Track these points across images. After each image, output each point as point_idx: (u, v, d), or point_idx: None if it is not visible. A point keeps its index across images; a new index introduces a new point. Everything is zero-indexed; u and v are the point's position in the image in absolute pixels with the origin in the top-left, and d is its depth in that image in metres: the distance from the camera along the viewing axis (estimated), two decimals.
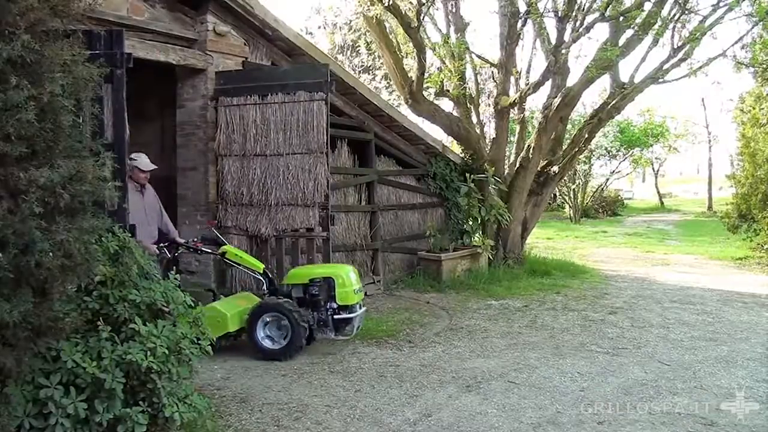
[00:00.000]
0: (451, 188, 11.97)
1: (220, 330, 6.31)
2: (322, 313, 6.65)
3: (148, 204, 6.75)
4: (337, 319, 6.66)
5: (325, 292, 6.66)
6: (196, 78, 7.78)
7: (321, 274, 6.75)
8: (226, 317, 6.39)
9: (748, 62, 13.88)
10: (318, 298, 6.64)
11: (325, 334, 6.72)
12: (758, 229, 15.58)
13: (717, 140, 41.17)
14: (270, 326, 6.52)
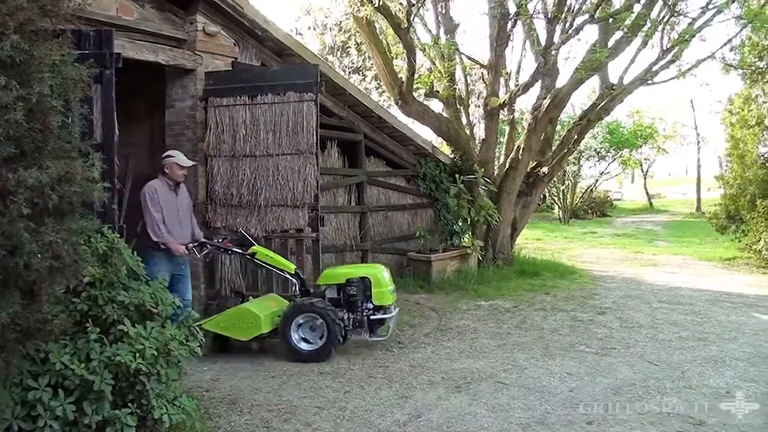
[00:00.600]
0: (441, 189, 11.99)
1: (254, 332, 6.38)
2: (358, 313, 6.69)
3: (182, 204, 6.76)
4: (373, 319, 6.72)
5: (361, 292, 6.71)
6: (186, 78, 7.75)
7: (357, 275, 6.82)
8: (260, 318, 6.39)
9: (737, 64, 13.99)
10: (355, 299, 6.68)
11: (360, 336, 6.75)
12: (746, 230, 15.69)
13: (705, 141, 41.41)
14: (303, 327, 6.53)
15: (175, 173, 6.64)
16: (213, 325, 6.44)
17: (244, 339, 6.45)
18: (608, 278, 12.34)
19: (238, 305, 6.62)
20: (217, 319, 6.49)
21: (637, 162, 39.17)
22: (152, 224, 6.36)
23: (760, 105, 17.11)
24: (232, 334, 6.47)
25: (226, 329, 6.45)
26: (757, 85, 16.98)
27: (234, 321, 6.42)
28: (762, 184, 15.69)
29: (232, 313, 6.48)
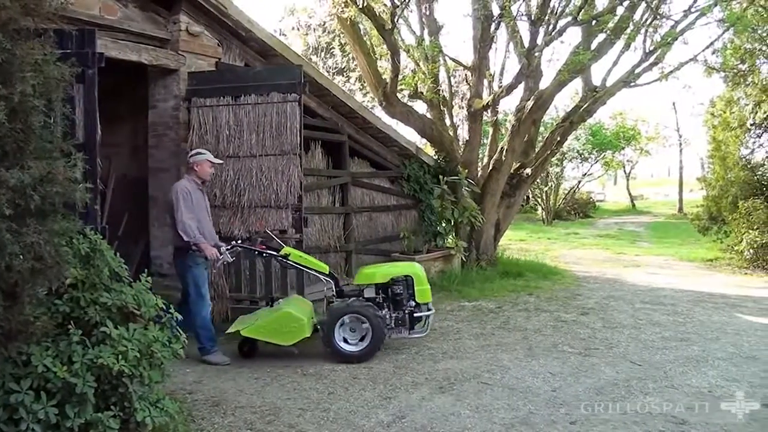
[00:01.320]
0: (425, 190, 12.00)
1: (298, 335, 6.36)
2: (401, 312, 6.74)
3: (207, 204, 6.78)
4: (415, 317, 6.78)
5: (406, 290, 6.77)
6: (169, 78, 7.72)
7: (402, 273, 6.88)
8: (304, 322, 6.38)
9: (719, 67, 14.13)
10: (401, 297, 6.73)
11: (400, 333, 6.80)
12: (728, 231, 15.86)
13: (688, 143, 41.74)
14: (343, 328, 6.54)
15: (206, 171, 6.66)
16: (253, 332, 6.36)
17: (287, 344, 6.41)
18: (591, 279, 12.42)
19: (279, 310, 6.51)
20: (257, 325, 6.37)
21: (620, 163, 39.47)
22: (185, 225, 6.31)
23: (742, 107, 17.30)
24: (275, 340, 6.39)
25: (268, 335, 6.37)
26: (739, 87, 17.16)
27: (276, 326, 6.35)
28: (744, 185, 15.87)
29: (274, 319, 6.38)
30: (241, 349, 6.66)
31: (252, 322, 6.45)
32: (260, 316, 6.55)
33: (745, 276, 13.45)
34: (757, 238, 13.98)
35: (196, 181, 6.59)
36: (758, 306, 9.69)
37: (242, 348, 6.66)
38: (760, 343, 7.25)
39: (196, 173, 6.60)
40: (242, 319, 6.72)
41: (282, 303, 6.79)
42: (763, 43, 15.62)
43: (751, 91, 16.66)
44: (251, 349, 6.65)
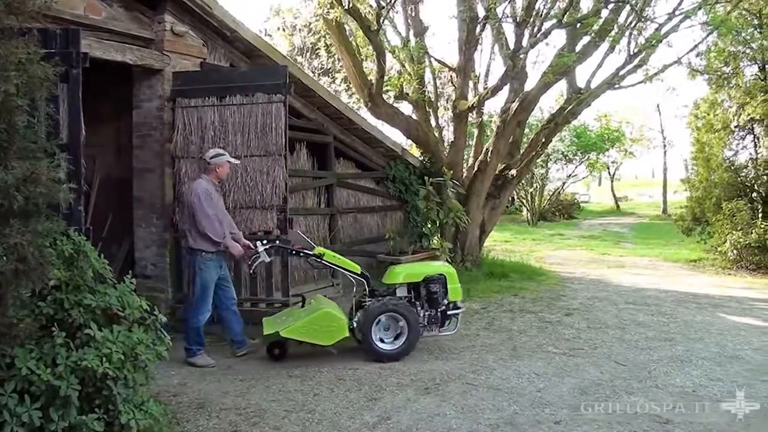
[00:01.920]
0: (410, 191, 12.02)
1: (338, 335, 6.41)
2: (434, 310, 6.82)
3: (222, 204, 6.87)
4: (449, 315, 6.87)
5: (442, 289, 6.83)
6: (153, 78, 7.68)
7: (437, 272, 6.95)
8: (344, 322, 6.45)
9: (703, 69, 14.25)
10: (436, 296, 6.79)
11: (431, 331, 6.88)
12: (712, 232, 16.02)
13: (672, 145, 42.09)
14: (378, 327, 6.60)
15: (225, 172, 6.78)
16: (293, 333, 6.32)
17: (326, 344, 6.46)
18: (575, 280, 12.48)
19: (317, 310, 6.52)
20: (296, 326, 6.32)
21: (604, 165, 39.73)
22: (212, 226, 6.40)
23: (726, 110, 17.47)
24: (314, 340, 6.39)
25: (308, 335, 6.35)
26: (723, 90, 17.33)
27: (316, 326, 6.35)
28: (727, 187, 16.04)
29: (313, 319, 6.37)
30: (270, 352, 6.65)
31: (290, 322, 6.42)
32: (295, 316, 6.55)
33: (728, 276, 13.58)
34: (741, 239, 14.13)
35: (213, 181, 6.67)
36: (741, 306, 9.79)
37: (272, 350, 6.66)
38: (743, 343, 7.32)
39: (215, 174, 6.68)
40: (271, 321, 6.70)
41: (314, 303, 6.84)
42: (746, 45, 15.78)
43: (734, 93, 16.82)
44: (282, 352, 6.65)
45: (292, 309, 6.92)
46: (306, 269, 9.80)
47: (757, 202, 15.95)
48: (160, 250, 7.76)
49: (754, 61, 16.75)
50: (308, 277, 9.92)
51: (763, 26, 15.01)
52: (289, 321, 6.46)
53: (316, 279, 10.06)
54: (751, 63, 17.01)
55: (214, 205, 6.48)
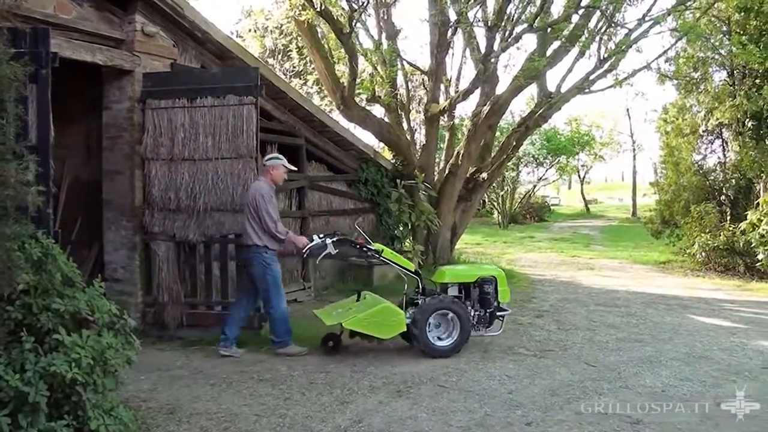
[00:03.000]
0: (383, 194, 12.04)
1: (396, 329, 6.60)
2: (484, 310, 7.03)
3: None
4: (498, 316, 7.13)
5: (494, 290, 7.06)
6: (123, 79, 7.61)
7: (489, 274, 7.20)
8: (403, 317, 6.61)
9: (672, 75, 14.48)
10: (489, 296, 7.02)
11: (478, 331, 7.05)
12: (681, 235, 16.30)
13: (641, 149, 42.73)
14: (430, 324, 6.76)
15: (281, 176, 7.07)
16: (355, 324, 6.50)
17: (386, 337, 6.67)
18: (546, 282, 12.59)
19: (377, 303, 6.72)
20: (358, 318, 6.51)
21: (574, 168, 40.18)
22: (275, 224, 6.74)
23: (695, 114, 17.77)
24: (375, 333, 6.59)
25: (368, 328, 6.54)
26: (692, 95, 17.63)
27: (377, 320, 6.54)
28: (696, 190, 16.32)
29: (375, 312, 6.55)
30: (325, 343, 6.89)
31: (350, 314, 6.60)
32: (354, 309, 6.75)
33: (697, 278, 13.81)
34: (709, 241, 14.37)
35: (271, 184, 6.94)
36: (710, 307, 9.96)
37: (327, 342, 6.89)
38: (712, 343, 7.44)
39: (270, 176, 6.96)
40: (326, 313, 6.92)
41: (369, 298, 7.02)
42: (715, 51, 16.07)
43: (703, 98, 17.10)
44: (336, 344, 6.87)
45: (345, 302, 7.18)
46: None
47: (726, 205, 16.26)
48: (130, 254, 7.68)
49: (723, 66, 17.08)
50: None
51: (731, 33, 15.30)
52: (349, 313, 6.65)
53: (287, 282, 10.03)
54: (719, 69, 17.35)
55: (274, 206, 6.84)
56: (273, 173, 6.96)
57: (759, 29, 15.01)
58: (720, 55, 16.25)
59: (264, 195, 6.73)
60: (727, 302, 10.57)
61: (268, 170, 6.96)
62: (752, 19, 15.09)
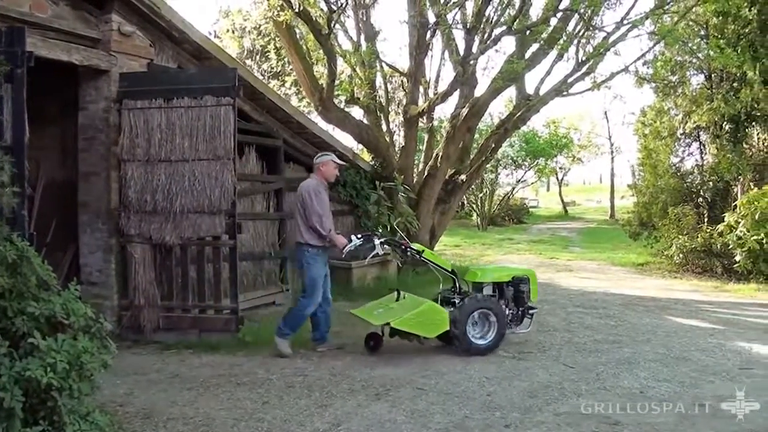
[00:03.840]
0: (362, 196, 12.04)
1: (441, 328, 6.79)
2: (517, 309, 7.35)
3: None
4: (530, 314, 7.44)
5: (527, 289, 7.39)
6: (100, 79, 7.55)
7: (522, 274, 7.53)
8: (446, 316, 6.79)
9: (650, 78, 14.65)
10: (523, 295, 7.35)
11: (509, 328, 7.30)
12: (658, 236, 16.50)
13: (619, 151, 43.17)
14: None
15: (331, 172, 7.30)
16: (404, 324, 6.64)
17: (431, 336, 6.89)
18: None
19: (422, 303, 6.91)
20: (406, 318, 6.64)
21: (553, 170, 40.46)
22: (319, 219, 6.92)
23: (672, 117, 18.03)
24: (421, 332, 6.78)
25: (415, 327, 6.71)
26: (670, 98, 17.88)
27: (423, 319, 6.71)
28: (673, 192, 16.54)
29: (422, 312, 6.72)
30: (367, 344, 7.09)
31: (396, 314, 6.76)
32: (396, 308, 6.93)
33: (674, 279, 13.98)
34: (687, 243, 14.56)
35: (322, 181, 7.20)
36: (688, 308, 10.08)
37: (369, 342, 7.09)
38: (689, 344, 7.53)
39: (321, 173, 7.23)
40: (368, 312, 7.08)
41: (409, 297, 7.18)
42: (693, 55, 16.29)
43: (681, 101, 17.35)
44: (377, 344, 7.06)
45: (382, 301, 7.33)
46: (255, 275, 9.77)
47: (703, 207, 16.50)
48: (105, 256, 7.62)
49: (701, 70, 17.34)
50: (257, 283, 9.87)
51: (709, 36, 15.52)
52: (393, 313, 6.82)
53: (265, 285, 10.01)
54: (697, 72, 17.61)
55: (321, 202, 7.00)
56: (323, 170, 7.20)
57: (736, 33, 15.26)
58: (698, 59, 16.49)
59: (311, 191, 6.98)
60: (704, 303, 10.71)
61: (318, 167, 7.24)
62: (730, 23, 15.34)
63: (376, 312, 7.01)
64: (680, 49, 15.53)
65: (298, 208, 7.07)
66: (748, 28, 15.22)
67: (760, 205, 12.63)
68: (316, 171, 7.26)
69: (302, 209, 6.98)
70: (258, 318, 8.62)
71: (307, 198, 6.94)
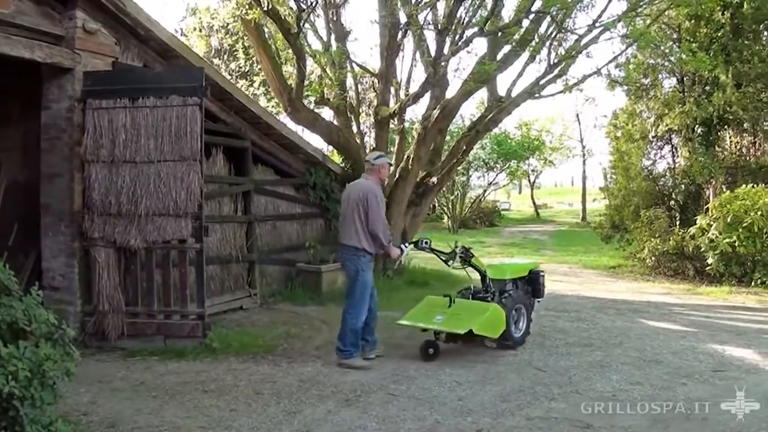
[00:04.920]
0: (332, 198, 12.01)
1: (501, 328, 7.14)
2: (536, 299, 8.03)
3: None
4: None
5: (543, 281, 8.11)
6: (63, 78, 7.45)
7: (534, 267, 8.18)
8: (504, 316, 7.16)
9: (622, 81, 14.84)
10: (540, 287, 8.04)
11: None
12: (630, 239, 16.74)
13: (591, 154, 43.61)
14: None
15: (385, 174, 7.32)
16: (481, 327, 6.91)
17: (495, 336, 7.18)
18: None
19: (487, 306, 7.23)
20: (481, 321, 6.92)
21: (525, 173, 40.81)
22: (384, 228, 6.86)
23: (644, 120, 18.30)
24: (488, 333, 7.10)
25: (486, 329, 7.02)
26: (642, 101, 18.15)
27: (491, 321, 7.05)
28: (646, 195, 16.79)
29: (492, 314, 7.07)
30: (425, 351, 7.08)
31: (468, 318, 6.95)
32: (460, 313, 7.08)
33: (647, 282, 14.19)
34: (659, 246, 14.78)
35: (378, 183, 7.05)
36: (660, 311, 10.24)
37: (427, 349, 7.09)
38: (662, 347, 7.66)
39: (378, 175, 7.05)
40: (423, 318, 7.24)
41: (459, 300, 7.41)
42: (665, 58, 16.56)
43: (653, 104, 17.62)
44: (436, 351, 7.11)
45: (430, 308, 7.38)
46: (223, 279, 9.72)
47: (675, 209, 16.77)
48: (69, 261, 7.50)
49: (673, 73, 17.64)
50: (225, 287, 9.81)
51: (682, 40, 15.78)
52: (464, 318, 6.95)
53: (233, 289, 9.96)
54: (669, 75, 17.92)
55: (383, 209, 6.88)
56: (382, 171, 7.07)
57: (709, 37, 15.56)
58: (670, 62, 16.78)
59: (377, 196, 6.79)
60: (677, 306, 10.88)
61: (378, 169, 7.02)
62: (702, 27, 15.63)
63: (435, 319, 7.06)
64: (653, 52, 15.80)
65: (354, 210, 6.77)
66: (721, 31, 15.54)
67: (732, 208, 12.86)
68: (372, 172, 7.02)
69: (362, 213, 6.71)
70: (225, 323, 8.57)
71: (373, 201, 6.69)
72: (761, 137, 17.45)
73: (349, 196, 6.94)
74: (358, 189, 6.90)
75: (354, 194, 6.89)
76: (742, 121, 16.82)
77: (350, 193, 6.99)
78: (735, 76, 15.37)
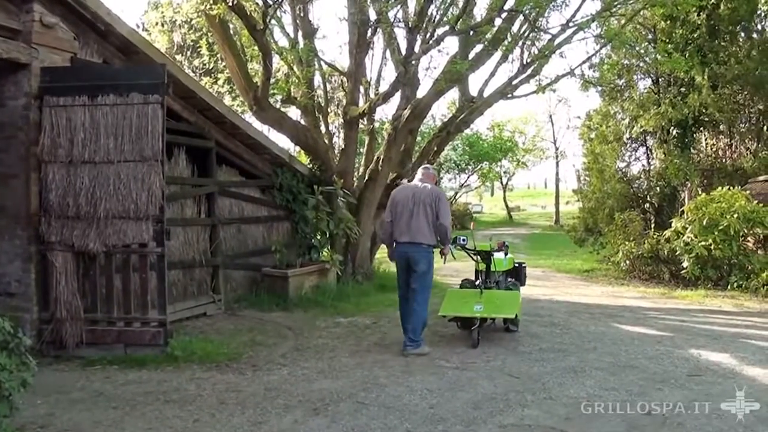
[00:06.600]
0: (299, 201, 12.00)
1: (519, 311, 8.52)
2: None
3: None
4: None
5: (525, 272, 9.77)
6: (19, 74, 7.33)
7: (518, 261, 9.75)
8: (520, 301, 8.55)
9: (596, 81, 15.03)
10: (523, 277, 9.64)
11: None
12: (604, 243, 16.91)
13: (564, 156, 44.10)
14: None
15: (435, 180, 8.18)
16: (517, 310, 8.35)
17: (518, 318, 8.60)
18: None
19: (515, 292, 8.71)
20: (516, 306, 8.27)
21: (497, 175, 41.08)
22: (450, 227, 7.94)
23: (619, 122, 18.54)
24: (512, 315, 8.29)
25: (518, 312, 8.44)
26: (616, 102, 18.37)
27: (519, 306, 8.41)
28: (620, 197, 17.00)
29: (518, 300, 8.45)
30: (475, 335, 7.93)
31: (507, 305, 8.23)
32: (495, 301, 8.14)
33: (621, 286, 14.33)
34: (633, 249, 14.96)
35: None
36: (635, 315, 10.35)
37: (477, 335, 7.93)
38: (637, 352, 7.73)
39: (434, 180, 8.08)
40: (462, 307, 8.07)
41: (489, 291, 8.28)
42: (640, 59, 16.79)
43: (627, 105, 17.85)
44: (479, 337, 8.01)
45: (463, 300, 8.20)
46: (185, 284, 9.65)
47: (650, 212, 17.01)
48: (24, 265, 7.38)
49: (648, 74, 17.90)
50: (188, 293, 9.74)
51: (657, 41, 16.01)
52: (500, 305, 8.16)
53: (196, 295, 9.89)
54: (644, 76, 18.18)
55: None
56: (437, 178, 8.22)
57: (684, 38, 15.82)
58: (645, 63, 17.02)
59: (443, 195, 7.90)
60: (652, 310, 11.01)
61: (434, 176, 8.16)
62: (678, 28, 15.89)
63: (476, 308, 7.86)
64: (627, 52, 16.01)
65: (425, 209, 7.59)
66: (697, 32, 15.81)
67: (708, 211, 13.06)
68: (429, 177, 8.02)
69: (434, 211, 7.58)
70: (188, 330, 8.51)
71: (444, 203, 7.70)
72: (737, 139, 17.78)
73: (413, 198, 7.68)
74: (427, 191, 7.71)
75: (422, 196, 7.67)
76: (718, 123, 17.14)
77: (413, 195, 7.72)
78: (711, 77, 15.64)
